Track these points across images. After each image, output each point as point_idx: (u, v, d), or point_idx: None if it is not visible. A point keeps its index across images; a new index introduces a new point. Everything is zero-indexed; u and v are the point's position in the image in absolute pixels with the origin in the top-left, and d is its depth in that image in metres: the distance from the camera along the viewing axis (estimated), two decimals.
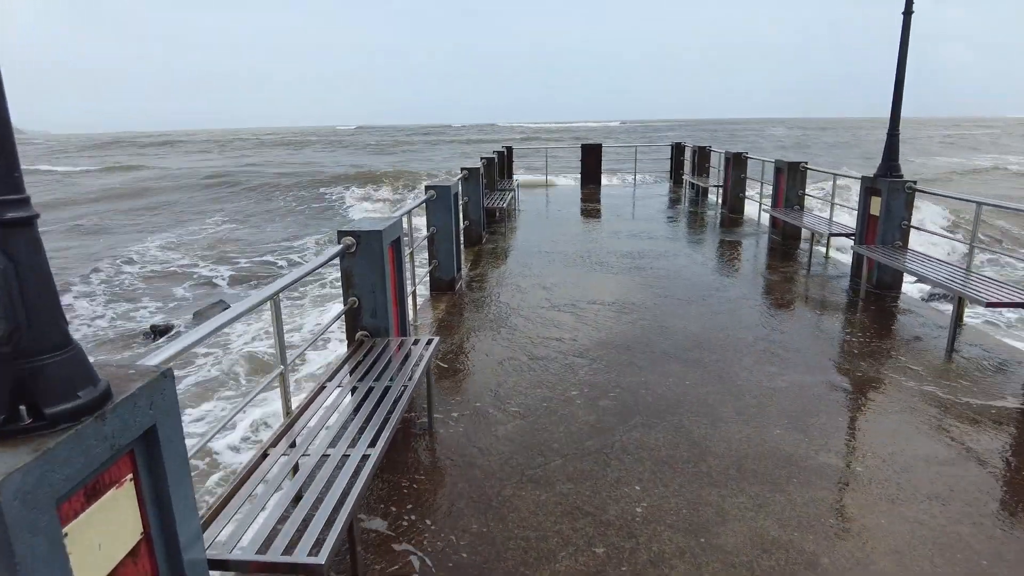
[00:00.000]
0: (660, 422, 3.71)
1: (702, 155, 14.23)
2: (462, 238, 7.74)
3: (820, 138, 63.98)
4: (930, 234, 9.44)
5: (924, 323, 5.53)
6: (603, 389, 4.16)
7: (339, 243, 3.79)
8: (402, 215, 4.59)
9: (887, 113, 6.32)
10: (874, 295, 6.35)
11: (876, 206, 6.59)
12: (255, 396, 2.66)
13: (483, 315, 5.85)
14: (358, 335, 3.93)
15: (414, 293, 5.60)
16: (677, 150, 16.57)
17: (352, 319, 3.93)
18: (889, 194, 6.32)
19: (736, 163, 11.43)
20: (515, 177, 14.67)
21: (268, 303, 2.77)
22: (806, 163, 9.06)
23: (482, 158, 11.34)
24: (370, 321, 3.92)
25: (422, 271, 6.43)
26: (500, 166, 13.76)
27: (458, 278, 6.88)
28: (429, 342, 3.84)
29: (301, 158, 48.77)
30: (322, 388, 3.18)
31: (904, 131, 6.57)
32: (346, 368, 3.49)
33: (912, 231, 6.43)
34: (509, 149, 15.24)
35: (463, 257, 7.93)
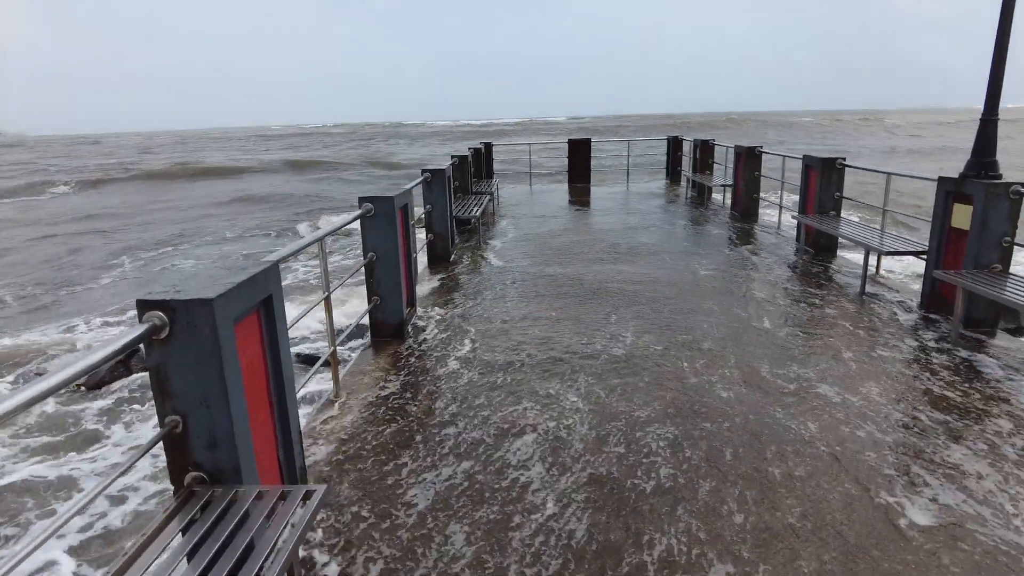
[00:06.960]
0: None
1: (704, 150, 12.60)
2: (418, 263, 6.02)
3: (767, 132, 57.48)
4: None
5: None
6: None
7: (140, 320, 2.08)
8: (285, 255, 2.85)
9: (840, 105, 4.54)
10: (968, 338, 4.71)
11: (963, 217, 4.96)
12: None
13: (436, 387, 4.15)
14: (188, 479, 2.22)
15: (334, 353, 3.89)
16: (675, 144, 14.96)
17: (175, 451, 2.21)
18: (986, 201, 4.69)
19: (749, 159, 9.80)
20: (495, 179, 12.95)
21: None
22: (843, 159, 7.44)
23: (453, 156, 9.59)
24: (206, 456, 2.20)
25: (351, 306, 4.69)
26: (476, 166, 12.06)
27: (408, 318, 5.17)
28: (308, 495, 2.13)
29: None
30: None
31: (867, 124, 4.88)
32: (147, 556, 1.78)
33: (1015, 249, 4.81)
34: (488, 145, 13.51)
35: (418, 286, 6.22)
